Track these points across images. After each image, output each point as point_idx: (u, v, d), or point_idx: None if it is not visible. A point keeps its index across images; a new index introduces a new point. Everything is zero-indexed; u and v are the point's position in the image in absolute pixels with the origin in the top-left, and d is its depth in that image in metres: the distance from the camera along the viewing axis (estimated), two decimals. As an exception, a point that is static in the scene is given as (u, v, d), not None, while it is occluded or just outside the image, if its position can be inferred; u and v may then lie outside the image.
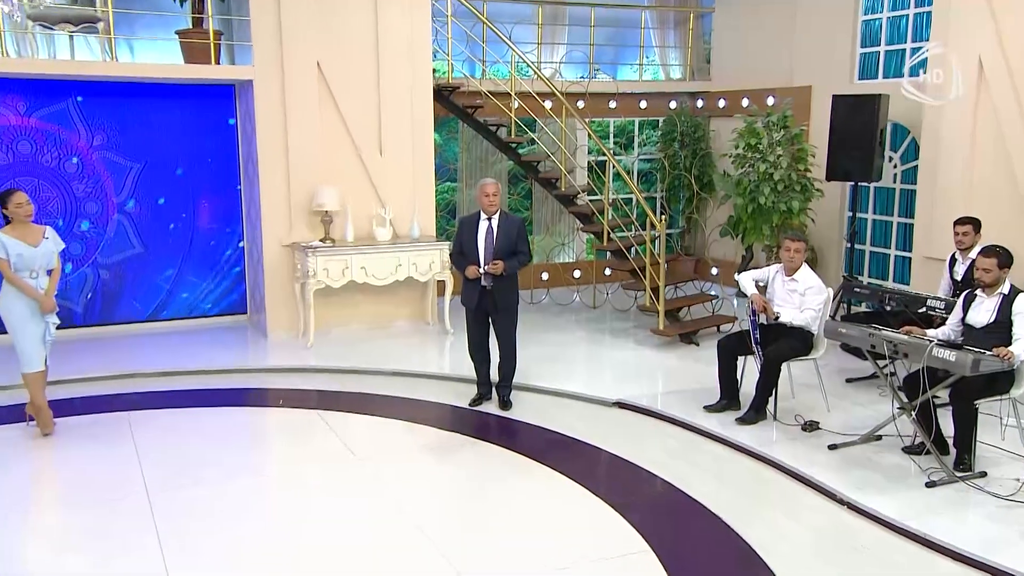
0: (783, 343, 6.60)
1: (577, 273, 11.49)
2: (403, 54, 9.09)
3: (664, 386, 7.59)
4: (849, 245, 9.08)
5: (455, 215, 11.12)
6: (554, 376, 7.74)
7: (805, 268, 6.81)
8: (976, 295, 5.88)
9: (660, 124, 12.03)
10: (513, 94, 9.59)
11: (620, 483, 5.75)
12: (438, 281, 9.30)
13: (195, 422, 6.79)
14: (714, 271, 11.64)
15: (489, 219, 6.82)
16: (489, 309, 6.93)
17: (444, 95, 9.70)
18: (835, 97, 8.79)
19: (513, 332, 7.04)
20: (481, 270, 6.75)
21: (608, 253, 9.58)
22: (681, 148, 11.42)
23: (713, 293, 10.06)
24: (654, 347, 8.73)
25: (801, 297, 6.72)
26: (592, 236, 10.02)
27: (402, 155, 9.22)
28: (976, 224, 7.18)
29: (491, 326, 7.03)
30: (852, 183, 9.62)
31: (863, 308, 9.16)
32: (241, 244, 9.66)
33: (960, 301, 6.01)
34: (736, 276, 7.11)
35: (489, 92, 9.70)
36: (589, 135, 9.70)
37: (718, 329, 9.19)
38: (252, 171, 9.12)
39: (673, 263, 8.96)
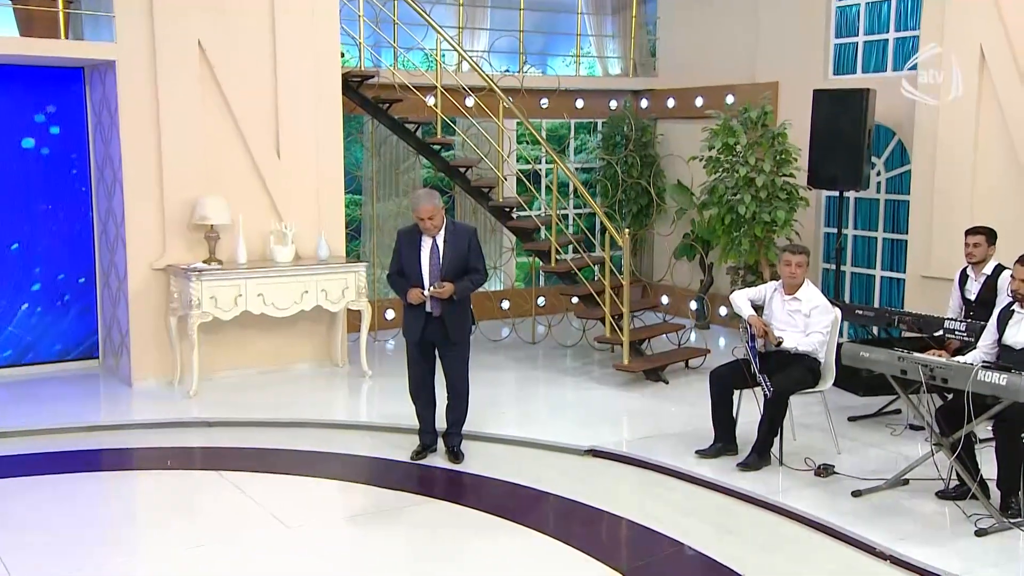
0: (789, 373, 6.66)
1: (506, 304, 11.40)
2: (306, 34, 8.88)
3: (640, 430, 7.55)
4: (834, 265, 9.31)
5: (360, 234, 10.89)
6: (507, 422, 7.65)
7: (808, 285, 6.93)
8: (1014, 312, 6.07)
9: (599, 127, 12.15)
10: (439, 87, 9.49)
11: (621, 544, 5.68)
12: (351, 312, 9.04)
13: (59, 493, 6.30)
14: (664, 299, 11.74)
15: (433, 235, 6.67)
16: (437, 341, 6.76)
17: (351, 87, 9.52)
18: (817, 92, 9.06)
19: (465, 369, 6.89)
20: (426, 293, 6.57)
21: (542, 277, 9.53)
22: (626, 154, 11.54)
23: (678, 322, 10.10)
24: (616, 386, 8.71)
25: (806, 319, 6.82)
26: (536, 258, 9.96)
27: (305, 158, 8.97)
28: (990, 234, 7.47)
29: (437, 362, 6.87)
30: (833, 192, 9.97)
31: (845, 338, 9.42)
32: (91, 271, 9.15)
33: (994, 319, 6.20)
34: (730, 296, 7.16)
35: (406, 84, 9.59)
36: (536, 138, 9.69)
37: (686, 364, 9.26)
38: (111, 177, 8.68)
39: (619, 289, 9.01)
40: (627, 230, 8.75)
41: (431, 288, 6.54)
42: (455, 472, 6.70)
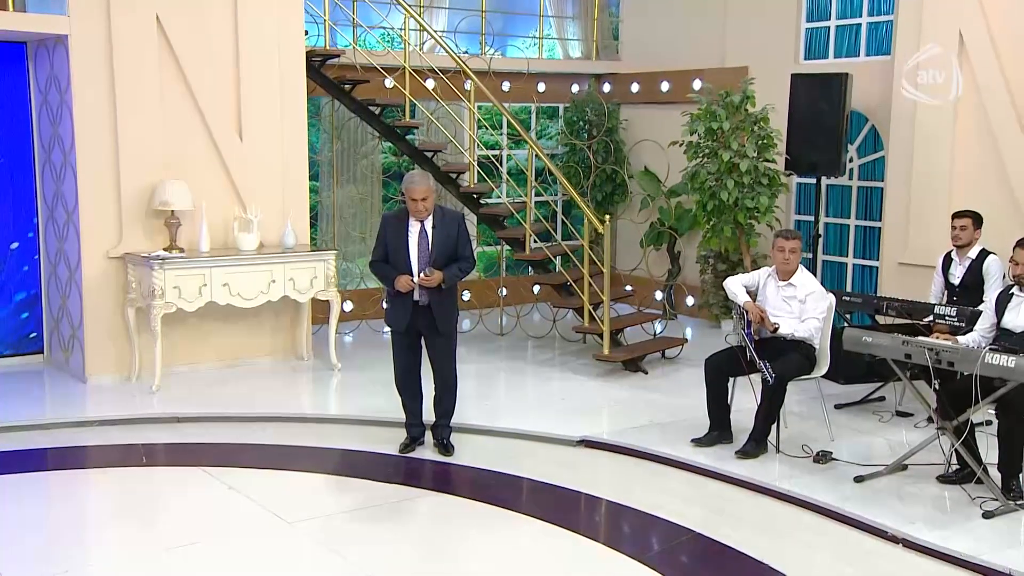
0: (787, 359, 6.86)
1: (466, 295, 11.47)
2: (269, 10, 8.83)
3: (628, 420, 7.69)
4: (810, 253, 9.58)
5: (317, 222, 10.86)
6: (491, 414, 7.75)
7: (802, 271, 7.16)
8: (1013, 295, 6.37)
9: (562, 111, 12.30)
10: (407, 67, 9.53)
11: (634, 531, 5.84)
12: (314, 303, 9.03)
13: (36, 491, 6.28)
14: (627, 288, 11.90)
15: (421, 220, 6.73)
16: (424, 331, 6.82)
17: (312, 66, 9.50)
18: (795, 76, 9.33)
19: (453, 359, 6.97)
20: (415, 280, 6.62)
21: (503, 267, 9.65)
22: (589, 139, 11.71)
23: (648, 312, 10.30)
24: (595, 376, 8.87)
25: (801, 305, 7.04)
26: (507, 246, 10.06)
27: (269, 141, 8.92)
28: (976, 218, 7.79)
29: (423, 352, 6.94)
30: (803, 179, 10.28)
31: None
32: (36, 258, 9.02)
33: (992, 303, 6.50)
34: (724, 282, 7.35)
35: (368, 65, 9.62)
36: (494, 123, 9.79)
37: (663, 354, 9.46)
38: (60, 159, 8.54)
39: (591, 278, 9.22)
40: (608, 217, 8.88)
41: (420, 275, 6.60)
42: (449, 464, 6.79)
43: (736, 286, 7.17)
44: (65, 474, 6.61)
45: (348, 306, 10.82)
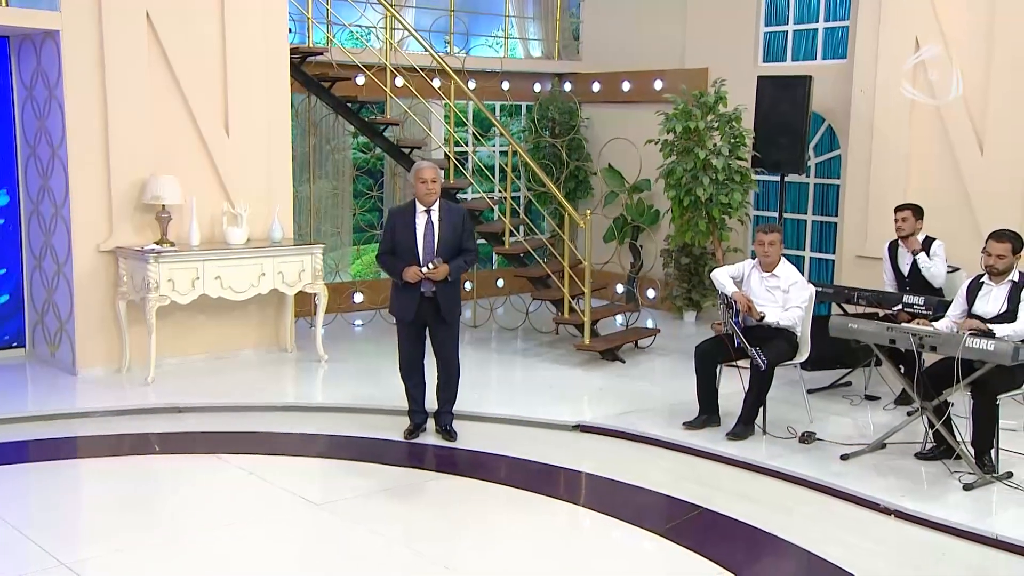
0: (773, 346, 7.21)
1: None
2: (255, 8, 8.92)
3: (616, 406, 7.95)
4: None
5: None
6: (484, 401, 7.96)
7: (785, 262, 7.52)
8: (983, 284, 6.80)
9: (526, 109, 12.55)
10: (388, 65, 9.69)
11: (646, 509, 6.09)
12: (301, 296, 9.16)
13: (58, 478, 6.35)
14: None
15: (428, 211, 6.91)
16: (429, 321, 7.01)
17: (293, 64, 9.60)
18: (761, 78, 9.72)
19: (456, 348, 7.17)
20: (424, 271, 6.80)
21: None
22: (553, 137, 11.98)
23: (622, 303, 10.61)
24: (576, 365, 9.14)
25: (784, 294, 7.40)
26: (486, 241, 10.27)
27: (255, 136, 9.02)
28: (916, 210, 8.19)
29: (427, 342, 7.12)
30: (763, 177, 10.70)
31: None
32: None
33: (963, 291, 6.93)
34: (712, 274, 7.67)
35: (345, 62, 9.77)
36: (493, 123, 10.02)
37: (636, 344, 9.77)
38: (47, 154, 8.54)
39: (562, 273, 9.51)
40: (588, 213, 9.17)
41: (428, 266, 6.77)
42: (455, 449, 6.99)
43: (723, 277, 7.49)
44: (83, 463, 6.70)
45: (322, 300, 10.96)
